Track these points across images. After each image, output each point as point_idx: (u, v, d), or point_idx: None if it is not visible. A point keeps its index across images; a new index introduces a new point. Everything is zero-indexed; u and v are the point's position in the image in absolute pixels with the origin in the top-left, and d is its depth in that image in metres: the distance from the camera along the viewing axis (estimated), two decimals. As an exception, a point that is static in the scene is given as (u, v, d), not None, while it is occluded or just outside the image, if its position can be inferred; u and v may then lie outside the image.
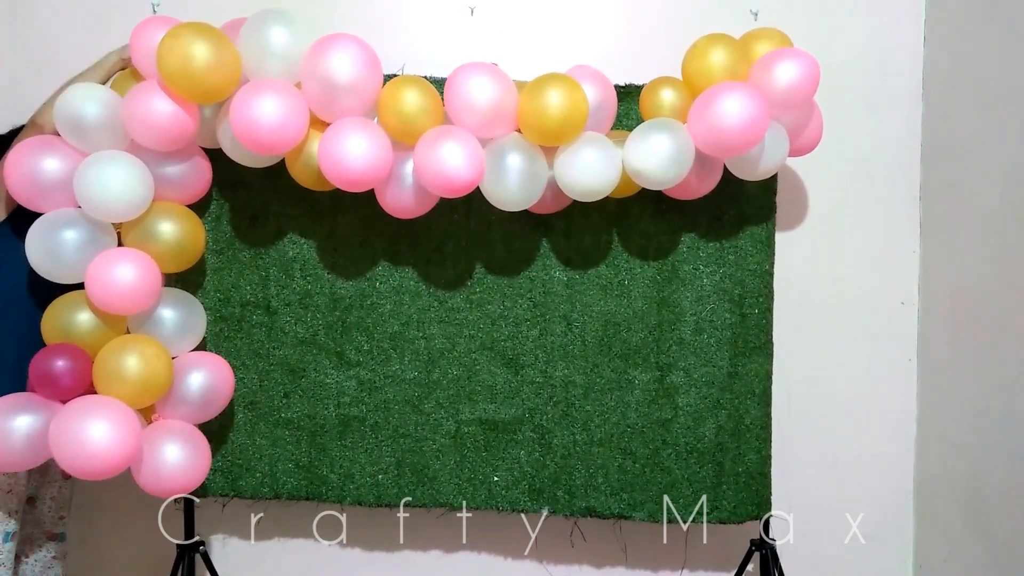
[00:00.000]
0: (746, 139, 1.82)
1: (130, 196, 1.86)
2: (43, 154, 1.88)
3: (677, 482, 2.17)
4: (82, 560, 2.42)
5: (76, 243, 1.88)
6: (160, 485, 1.89)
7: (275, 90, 1.81)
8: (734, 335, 2.15)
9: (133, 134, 1.88)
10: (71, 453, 1.74)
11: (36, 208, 1.91)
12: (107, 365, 1.83)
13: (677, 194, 2.03)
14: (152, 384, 1.86)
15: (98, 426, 1.74)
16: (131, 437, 1.79)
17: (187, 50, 1.77)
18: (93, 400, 1.81)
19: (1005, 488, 1.97)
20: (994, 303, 2.01)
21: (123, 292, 1.85)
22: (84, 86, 1.90)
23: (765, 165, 1.96)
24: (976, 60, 2.07)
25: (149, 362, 1.85)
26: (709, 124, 1.83)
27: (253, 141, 1.82)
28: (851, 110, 2.26)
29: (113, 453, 1.75)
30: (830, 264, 2.30)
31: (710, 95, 1.84)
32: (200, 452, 1.95)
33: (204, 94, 1.85)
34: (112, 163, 1.86)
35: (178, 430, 1.94)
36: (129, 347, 1.86)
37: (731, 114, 1.80)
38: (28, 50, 2.31)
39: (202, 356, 2.05)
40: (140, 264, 1.88)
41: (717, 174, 2.00)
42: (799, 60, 1.86)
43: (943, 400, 2.22)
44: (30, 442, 1.78)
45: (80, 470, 1.75)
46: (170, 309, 2.00)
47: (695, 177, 1.96)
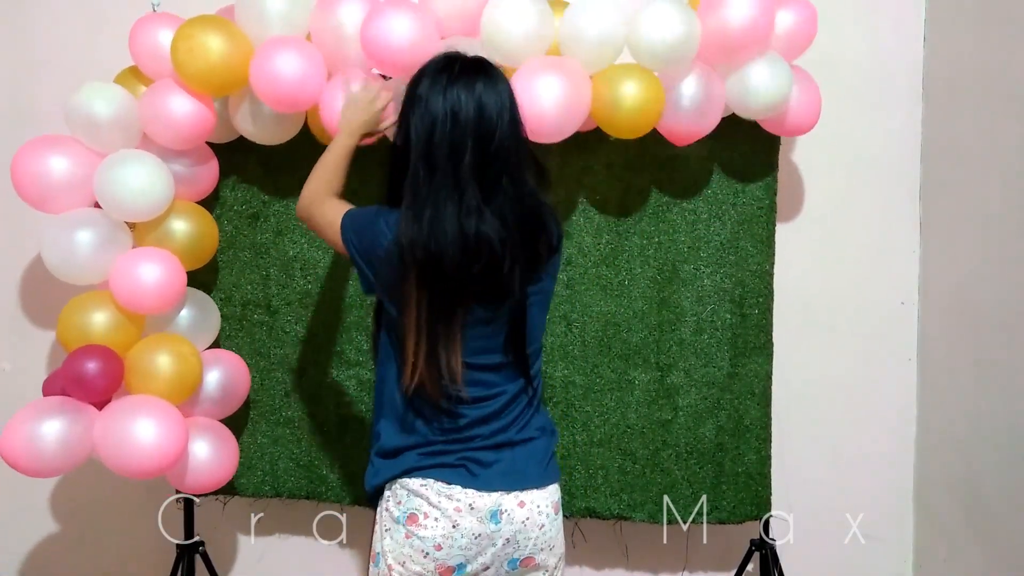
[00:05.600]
0: (754, 33, 1.82)
1: (153, 195, 1.87)
2: (52, 153, 1.87)
3: (677, 483, 2.17)
4: (82, 560, 2.42)
5: (92, 243, 1.87)
6: (194, 481, 1.92)
7: (291, 44, 1.81)
8: (734, 335, 2.15)
9: (153, 134, 1.88)
10: (121, 454, 1.75)
11: (44, 209, 1.91)
12: (140, 365, 1.85)
13: (677, 132, 1.95)
14: (186, 382, 1.88)
15: (146, 426, 1.75)
16: (180, 435, 1.80)
17: (203, 47, 1.77)
18: (137, 400, 1.81)
19: (1005, 488, 1.97)
20: (994, 303, 2.01)
21: (149, 292, 1.86)
22: (94, 85, 1.89)
23: (767, 92, 1.90)
24: (976, 60, 2.07)
25: (186, 359, 1.88)
26: (717, 16, 1.82)
27: (275, 97, 1.81)
28: (851, 110, 2.26)
29: (164, 452, 1.77)
30: (830, 264, 2.30)
31: None
32: (230, 447, 1.99)
33: (225, 85, 1.85)
34: (134, 163, 1.86)
35: (208, 426, 1.97)
36: (162, 346, 1.88)
37: (740, 5, 1.80)
38: (28, 50, 2.31)
39: (219, 353, 2.08)
40: (165, 263, 1.89)
41: (718, 108, 1.94)
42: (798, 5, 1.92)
43: (943, 400, 2.22)
44: (63, 447, 1.74)
45: (130, 470, 1.76)
46: (186, 308, 2.01)
47: (696, 105, 1.91)
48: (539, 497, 1.58)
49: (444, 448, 1.56)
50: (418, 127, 1.46)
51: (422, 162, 1.45)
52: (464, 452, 1.56)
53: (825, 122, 2.10)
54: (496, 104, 1.45)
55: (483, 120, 1.44)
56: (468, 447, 1.56)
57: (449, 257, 1.43)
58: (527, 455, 1.59)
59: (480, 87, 1.45)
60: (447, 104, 1.44)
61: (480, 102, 1.44)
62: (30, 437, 1.72)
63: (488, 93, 1.45)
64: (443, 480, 1.54)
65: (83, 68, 2.21)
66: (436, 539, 1.52)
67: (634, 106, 1.83)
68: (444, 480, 1.54)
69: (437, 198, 1.44)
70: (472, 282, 1.47)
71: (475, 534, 1.53)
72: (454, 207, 1.44)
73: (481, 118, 1.44)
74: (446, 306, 1.48)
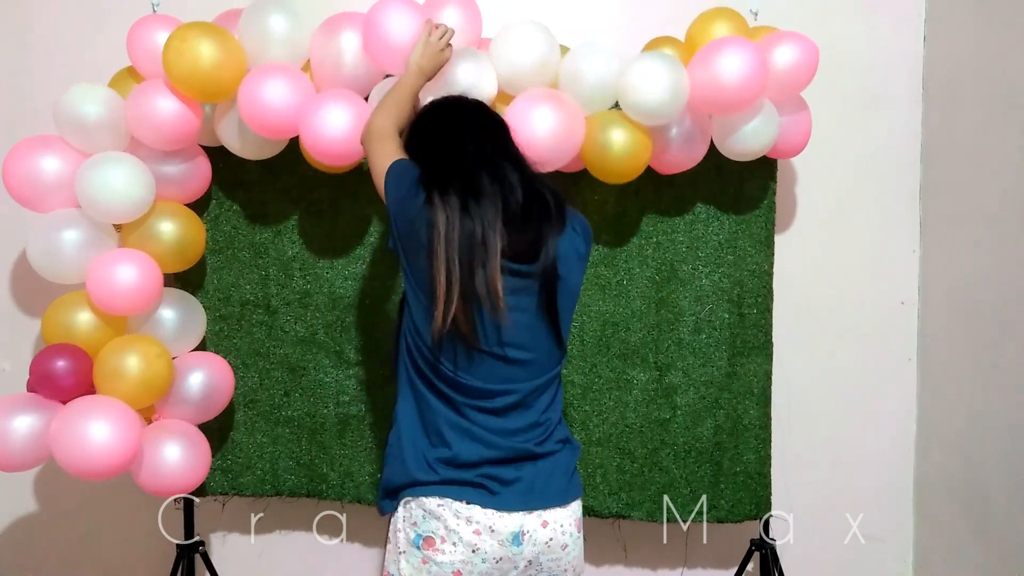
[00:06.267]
0: (743, 92, 1.82)
1: (132, 197, 1.87)
2: (42, 154, 1.88)
3: (676, 482, 2.17)
4: (82, 560, 2.42)
5: (76, 244, 1.88)
6: (160, 485, 1.90)
7: (282, 73, 1.83)
8: (733, 335, 2.15)
9: (138, 134, 1.89)
10: (72, 454, 1.75)
11: (35, 209, 1.91)
12: (108, 365, 1.84)
13: (663, 165, 2.00)
14: (153, 384, 1.87)
15: (99, 426, 1.75)
16: (132, 437, 1.79)
17: (194, 50, 1.78)
18: (94, 400, 1.81)
19: (1005, 488, 1.97)
20: (994, 303, 2.01)
21: (124, 293, 1.86)
22: (83, 86, 1.89)
23: (753, 140, 1.93)
24: (976, 60, 2.07)
25: (151, 362, 1.86)
26: (709, 73, 1.83)
27: (261, 124, 1.83)
28: (851, 110, 2.25)
29: (114, 454, 1.76)
30: (830, 264, 2.30)
31: (712, 46, 1.85)
32: (200, 452, 1.96)
33: (212, 93, 1.86)
34: (114, 164, 1.86)
35: (178, 430, 1.95)
36: (130, 347, 1.87)
37: (732, 63, 1.80)
38: (28, 50, 2.31)
39: (202, 356, 2.05)
40: (141, 265, 1.89)
41: (704, 145, 1.98)
42: (799, 43, 1.90)
43: (943, 400, 2.22)
44: (30, 443, 1.79)
45: (81, 470, 1.76)
46: (170, 309, 2.00)
47: (683, 143, 1.95)
48: (562, 516, 1.51)
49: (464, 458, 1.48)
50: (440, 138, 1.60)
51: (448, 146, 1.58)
52: (484, 467, 1.48)
53: (825, 122, 2.10)
54: None
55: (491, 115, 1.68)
56: (487, 453, 1.49)
57: (483, 183, 1.48)
58: (550, 470, 1.52)
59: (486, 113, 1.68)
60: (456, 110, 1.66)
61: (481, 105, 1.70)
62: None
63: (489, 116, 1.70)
64: (461, 500, 1.46)
65: (81, 68, 2.22)
66: (455, 564, 1.44)
67: (622, 152, 1.88)
68: (463, 500, 1.46)
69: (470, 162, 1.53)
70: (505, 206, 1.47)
71: (496, 558, 1.45)
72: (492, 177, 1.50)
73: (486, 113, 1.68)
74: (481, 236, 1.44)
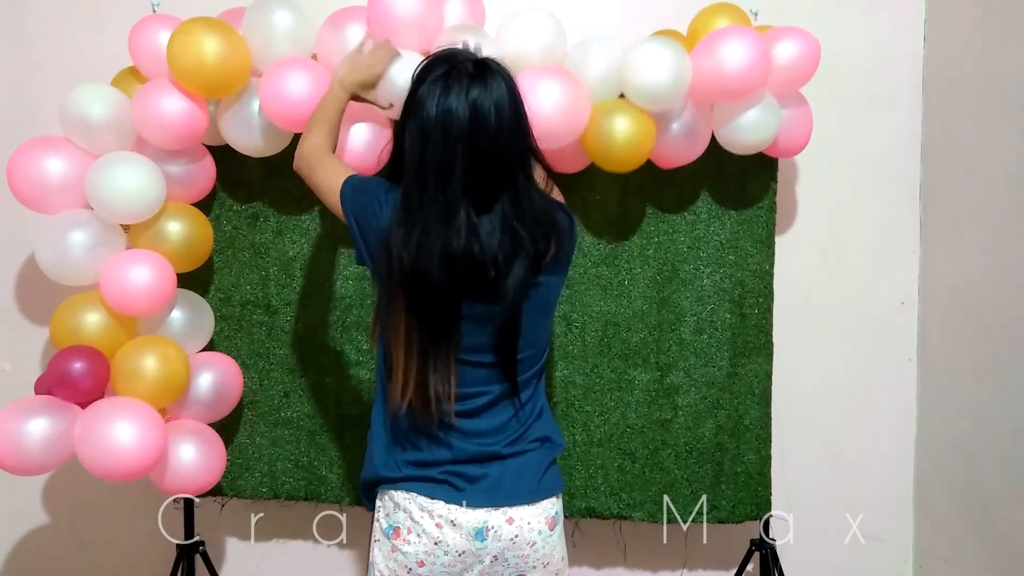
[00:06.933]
0: (745, 78, 1.81)
1: (144, 197, 1.87)
2: (47, 155, 1.87)
3: (676, 482, 2.17)
4: (82, 560, 2.42)
5: (86, 245, 1.87)
6: (178, 485, 1.91)
7: (303, 66, 1.83)
8: (734, 335, 2.15)
9: (144, 134, 1.88)
10: (98, 456, 1.74)
11: (41, 210, 1.91)
12: (126, 366, 1.84)
13: (664, 159, 2.00)
14: (172, 384, 1.87)
15: (125, 428, 1.75)
16: (158, 438, 1.79)
17: (199, 46, 1.78)
18: (118, 402, 1.81)
19: (1005, 488, 1.97)
20: (994, 303, 2.01)
21: (139, 294, 1.85)
22: (89, 86, 1.89)
23: (754, 133, 1.92)
24: (976, 60, 2.07)
25: (169, 362, 1.86)
26: (712, 59, 1.82)
27: (284, 117, 1.83)
28: (851, 110, 2.25)
29: (141, 455, 1.76)
30: (830, 264, 2.30)
31: (715, 34, 1.84)
32: (216, 451, 1.97)
33: (217, 88, 1.86)
34: (125, 164, 1.85)
35: (194, 430, 1.96)
36: (148, 348, 1.87)
37: (735, 49, 1.79)
38: (28, 51, 2.31)
39: (211, 356, 2.06)
40: (155, 265, 1.89)
41: (705, 138, 1.98)
42: (800, 38, 1.90)
43: (943, 400, 2.22)
44: (48, 446, 1.75)
45: (107, 472, 1.75)
46: (179, 310, 2.00)
47: (685, 136, 1.94)
48: (530, 513, 1.53)
49: (430, 458, 1.53)
50: (411, 140, 1.44)
51: (414, 179, 1.44)
52: (448, 466, 1.52)
53: (825, 122, 2.10)
54: (491, 105, 1.40)
55: (477, 125, 1.40)
56: (453, 455, 1.52)
57: (434, 278, 1.42)
58: (518, 469, 1.55)
59: (476, 92, 1.40)
60: (439, 115, 1.40)
61: (474, 106, 1.40)
62: (14, 435, 1.72)
63: (484, 95, 1.40)
64: (426, 495, 1.51)
65: (83, 69, 2.21)
66: (418, 555, 1.50)
67: (626, 139, 1.87)
68: (427, 495, 1.51)
69: (426, 217, 1.42)
70: (464, 293, 1.45)
71: (459, 551, 1.50)
72: (442, 227, 1.41)
73: (475, 123, 1.40)
74: (437, 329, 1.46)
